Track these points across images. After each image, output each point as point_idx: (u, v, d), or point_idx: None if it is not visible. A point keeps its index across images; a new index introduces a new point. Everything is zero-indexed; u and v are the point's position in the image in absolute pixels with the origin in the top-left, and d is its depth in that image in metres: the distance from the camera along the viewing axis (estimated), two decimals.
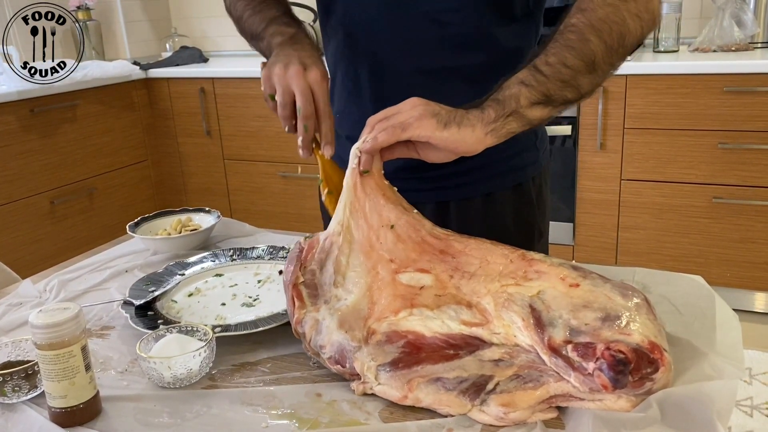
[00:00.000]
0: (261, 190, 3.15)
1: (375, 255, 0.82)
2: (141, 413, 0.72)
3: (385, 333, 0.75)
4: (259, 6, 1.03)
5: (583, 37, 0.82)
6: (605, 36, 0.82)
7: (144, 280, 1.02)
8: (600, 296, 0.72)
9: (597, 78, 0.85)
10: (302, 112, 0.87)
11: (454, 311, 0.76)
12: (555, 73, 0.82)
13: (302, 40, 0.95)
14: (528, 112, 0.82)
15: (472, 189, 1.07)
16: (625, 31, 0.83)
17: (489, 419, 0.67)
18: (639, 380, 0.64)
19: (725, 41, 2.46)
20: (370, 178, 0.84)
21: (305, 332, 0.78)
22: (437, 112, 0.81)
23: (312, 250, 0.84)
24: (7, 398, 0.74)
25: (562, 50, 0.82)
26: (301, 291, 0.80)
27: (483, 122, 0.81)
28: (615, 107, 2.42)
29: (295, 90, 0.86)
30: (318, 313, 0.78)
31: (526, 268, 0.79)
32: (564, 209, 2.63)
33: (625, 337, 0.66)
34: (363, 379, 0.73)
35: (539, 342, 0.70)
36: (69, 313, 0.69)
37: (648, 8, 0.85)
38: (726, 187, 2.35)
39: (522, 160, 1.09)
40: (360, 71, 1.04)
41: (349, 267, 0.81)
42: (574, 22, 0.83)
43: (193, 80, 3.11)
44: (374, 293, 0.79)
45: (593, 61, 0.82)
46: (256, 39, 1.02)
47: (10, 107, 2.60)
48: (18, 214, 2.67)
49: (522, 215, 1.10)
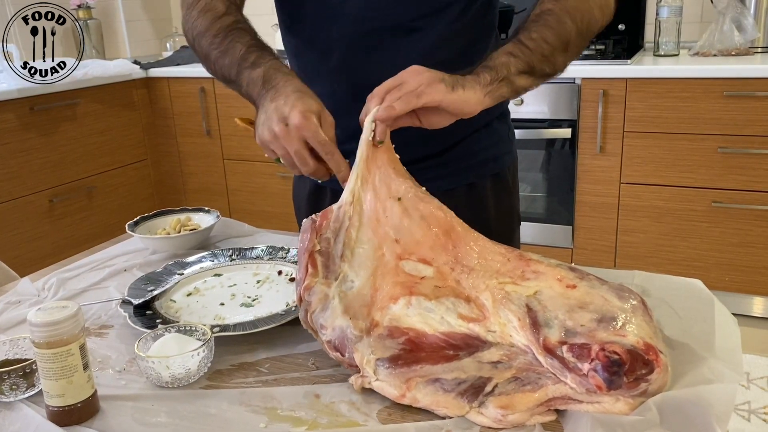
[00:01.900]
0: (260, 190, 3.15)
1: (381, 231, 0.82)
2: (139, 413, 0.72)
3: (387, 327, 0.75)
4: (224, 44, 0.98)
5: (559, 19, 0.91)
6: (578, 21, 0.92)
7: (143, 279, 1.02)
8: (596, 298, 0.73)
9: (569, 57, 0.94)
10: (334, 167, 0.85)
11: (452, 303, 0.76)
12: (537, 48, 0.90)
13: (275, 77, 0.90)
14: (516, 80, 0.89)
15: (455, 180, 1.12)
16: (592, 19, 0.94)
17: (487, 421, 0.67)
18: (634, 381, 0.64)
19: (725, 45, 2.46)
20: (381, 151, 0.85)
21: (311, 302, 0.77)
22: (442, 77, 0.85)
23: (326, 219, 0.83)
24: (4, 396, 0.74)
25: (543, 29, 0.91)
26: (316, 259, 0.80)
27: (481, 85, 0.86)
28: (615, 110, 2.42)
29: (310, 141, 0.83)
30: (329, 289, 0.78)
31: (523, 268, 0.79)
32: (563, 212, 2.63)
33: (620, 338, 0.66)
34: (362, 372, 0.72)
35: (535, 342, 0.70)
36: (68, 311, 0.69)
37: (608, 3, 0.97)
38: (725, 192, 2.35)
39: (498, 150, 1.17)
40: (336, 87, 1.06)
41: (358, 242, 0.81)
42: (550, 8, 0.92)
43: (193, 80, 3.11)
44: (377, 279, 0.79)
45: (568, 41, 0.92)
46: (232, 84, 0.98)
47: (11, 105, 2.60)
48: (17, 212, 2.67)
49: (502, 203, 1.19)
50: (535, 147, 2.61)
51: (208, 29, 1.00)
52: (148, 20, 3.63)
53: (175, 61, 3.25)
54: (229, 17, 1.01)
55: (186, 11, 1.05)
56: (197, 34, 1.02)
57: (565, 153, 2.57)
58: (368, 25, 1.02)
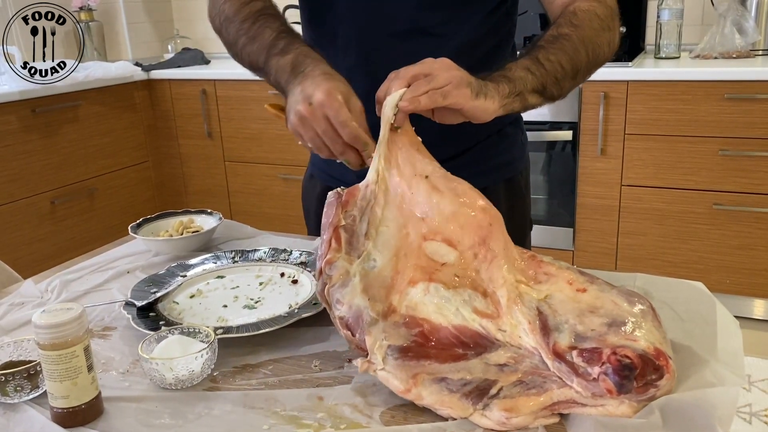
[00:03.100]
0: (262, 192, 3.15)
1: (407, 210, 0.81)
2: (142, 414, 0.72)
3: (404, 315, 0.75)
4: (252, 30, 0.96)
5: (575, 47, 0.92)
6: (590, 52, 0.94)
7: (146, 281, 1.02)
8: (607, 302, 0.73)
9: (574, 85, 0.95)
10: (355, 142, 0.83)
11: (469, 296, 0.76)
12: (553, 70, 0.90)
13: (304, 62, 0.89)
14: (529, 97, 0.89)
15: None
16: (601, 53, 0.96)
17: (491, 424, 0.67)
18: (643, 386, 0.64)
19: (726, 48, 2.47)
20: (402, 133, 0.84)
21: (332, 276, 0.77)
22: (470, 81, 0.83)
23: (353, 196, 0.82)
24: (9, 398, 0.74)
25: (560, 53, 0.91)
26: (340, 234, 0.79)
27: (500, 95, 0.86)
28: (616, 113, 2.42)
29: (332, 120, 0.82)
30: (351, 266, 0.78)
31: (535, 269, 0.79)
32: (564, 214, 2.64)
33: (632, 343, 0.66)
34: (369, 357, 0.72)
35: (544, 346, 0.70)
36: (72, 313, 0.69)
37: (613, 41, 0.98)
38: (726, 194, 2.35)
39: (512, 155, 1.19)
40: (353, 85, 1.05)
41: (383, 221, 0.81)
42: (568, 33, 0.93)
43: (194, 82, 3.11)
44: (400, 260, 0.79)
45: (578, 70, 0.93)
46: (259, 71, 0.97)
47: (12, 107, 2.60)
48: (19, 213, 2.67)
49: (515, 207, 1.19)
50: (536, 149, 2.61)
51: (236, 14, 0.98)
52: (149, 22, 3.64)
53: (177, 63, 3.26)
54: (258, 2, 0.99)
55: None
56: (225, 20, 1.00)
57: (566, 155, 2.57)
58: (391, 27, 1.02)
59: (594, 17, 0.95)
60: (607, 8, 0.97)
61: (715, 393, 0.65)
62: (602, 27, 0.95)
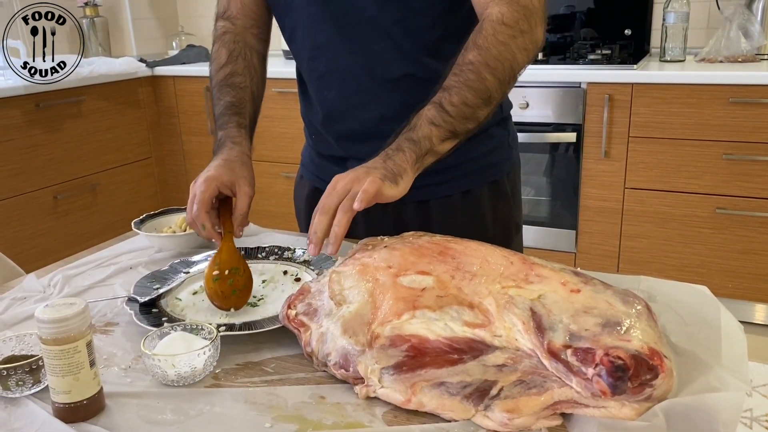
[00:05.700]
0: (264, 190, 3.15)
1: (371, 269, 0.82)
2: (144, 410, 0.72)
3: (389, 337, 0.74)
4: (215, 97, 1.14)
5: (480, 76, 0.92)
6: (498, 73, 0.93)
7: (148, 277, 1.02)
8: (601, 302, 0.72)
9: (493, 107, 0.96)
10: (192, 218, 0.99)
11: (456, 312, 0.76)
12: (459, 113, 0.91)
13: (225, 144, 1.07)
14: (440, 148, 0.92)
15: (451, 186, 1.13)
16: (515, 65, 0.94)
17: (493, 425, 0.67)
18: (638, 386, 0.64)
19: (732, 52, 2.46)
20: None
21: (313, 348, 0.78)
22: (382, 176, 0.86)
23: (300, 295, 0.85)
24: (10, 392, 0.74)
25: (463, 90, 0.92)
26: (301, 319, 0.81)
27: (410, 165, 0.89)
28: (620, 115, 2.42)
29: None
30: (322, 327, 0.78)
31: (527, 272, 0.79)
32: (567, 216, 2.63)
33: (625, 344, 0.66)
34: (366, 382, 0.72)
35: (539, 345, 0.70)
36: (75, 308, 0.69)
37: (533, 39, 0.95)
38: (730, 198, 2.35)
39: (497, 157, 1.17)
40: (326, 94, 1.12)
41: (344, 288, 0.81)
42: (471, 59, 0.92)
43: (198, 79, 3.11)
44: (377, 298, 0.78)
45: (489, 96, 0.93)
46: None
47: (16, 102, 2.61)
48: (21, 208, 2.68)
49: (499, 211, 1.18)
50: (539, 151, 2.60)
51: (212, 77, 1.16)
52: (154, 18, 3.64)
53: (181, 60, 3.26)
54: (225, 69, 1.14)
55: (212, 39, 1.20)
56: (211, 70, 1.18)
57: (570, 157, 2.56)
58: (347, 31, 1.04)
59: (500, 28, 0.93)
60: (518, 10, 0.93)
61: (719, 398, 0.65)
62: (511, 35, 0.92)
